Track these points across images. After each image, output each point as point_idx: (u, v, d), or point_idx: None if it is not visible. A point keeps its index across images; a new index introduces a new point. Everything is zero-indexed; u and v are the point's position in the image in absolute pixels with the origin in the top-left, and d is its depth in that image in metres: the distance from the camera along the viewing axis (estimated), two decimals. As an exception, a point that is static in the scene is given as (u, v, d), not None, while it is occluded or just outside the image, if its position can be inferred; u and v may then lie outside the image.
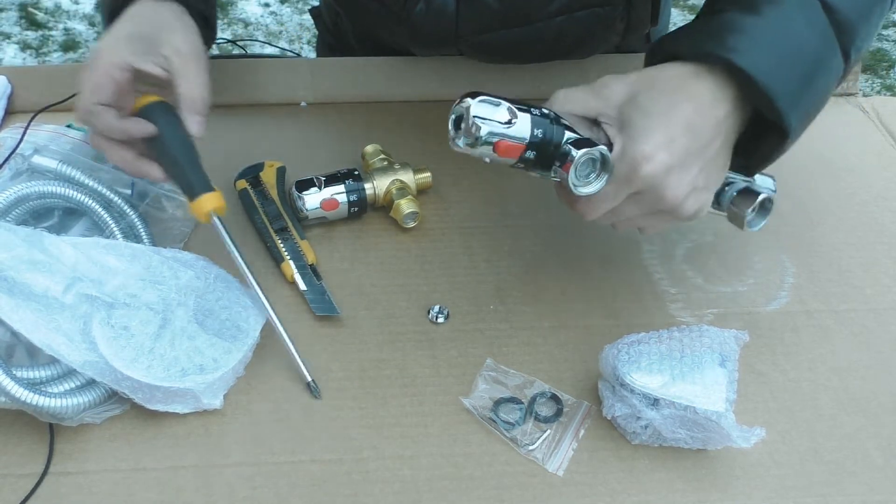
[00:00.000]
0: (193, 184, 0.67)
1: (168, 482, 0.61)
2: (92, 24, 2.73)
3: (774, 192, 0.68)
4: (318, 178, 0.78)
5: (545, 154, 0.58)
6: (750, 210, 0.65)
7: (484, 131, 0.56)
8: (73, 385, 0.62)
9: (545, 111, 0.58)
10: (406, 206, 0.78)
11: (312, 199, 0.77)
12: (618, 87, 0.60)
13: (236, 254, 0.68)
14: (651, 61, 0.64)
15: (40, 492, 0.60)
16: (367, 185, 0.79)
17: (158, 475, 0.61)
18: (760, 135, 0.63)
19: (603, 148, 0.58)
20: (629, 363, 0.62)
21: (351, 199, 0.78)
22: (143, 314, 0.64)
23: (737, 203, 0.65)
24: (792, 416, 0.66)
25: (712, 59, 0.59)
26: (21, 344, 0.64)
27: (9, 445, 0.62)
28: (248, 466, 0.62)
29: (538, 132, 0.57)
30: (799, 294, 0.76)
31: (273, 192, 0.80)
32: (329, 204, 0.77)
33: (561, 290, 0.75)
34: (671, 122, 0.58)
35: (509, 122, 0.56)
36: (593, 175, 0.59)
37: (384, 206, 0.80)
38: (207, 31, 0.75)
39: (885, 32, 2.74)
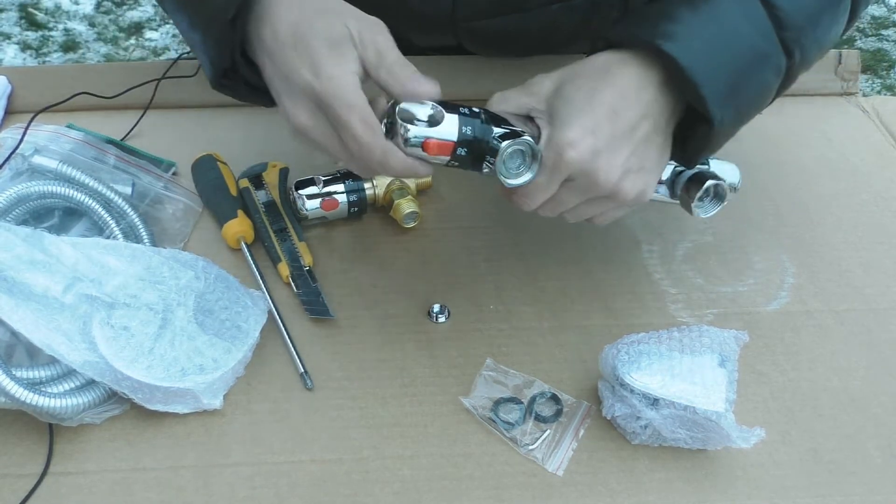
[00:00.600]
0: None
1: (168, 482, 0.61)
2: (92, 25, 2.73)
3: (737, 181, 0.70)
4: (317, 178, 0.78)
5: (477, 151, 0.59)
6: (697, 196, 0.65)
7: (411, 133, 0.57)
8: (72, 385, 0.62)
9: (475, 110, 0.60)
10: (406, 206, 0.78)
11: (312, 199, 0.77)
12: (546, 81, 0.62)
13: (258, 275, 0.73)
14: (593, 50, 0.65)
15: (40, 492, 0.60)
16: (367, 185, 0.79)
17: (158, 475, 0.61)
18: (690, 126, 0.64)
19: (528, 139, 0.59)
20: (629, 363, 0.62)
21: (351, 199, 0.78)
22: (143, 314, 0.64)
23: (686, 189, 0.67)
24: (792, 416, 0.66)
25: (640, 45, 0.60)
26: (21, 344, 0.64)
27: (8, 445, 0.62)
28: (247, 466, 0.62)
29: (467, 129, 0.59)
30: (799, 294, 0.76)
31: (274, 193, 0.80)
32: (329, 204, 0.77)
33: (561, 290, 0.75)
34: (594, 108, 0.59)
35: (435, 122, 0.58)
36: (523, 167, 0.60)
37: (384, 206, 0.80)
38: None
39: (885, 32, 2.74)
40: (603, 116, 0.59)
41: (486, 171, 0.61)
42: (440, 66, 0.94)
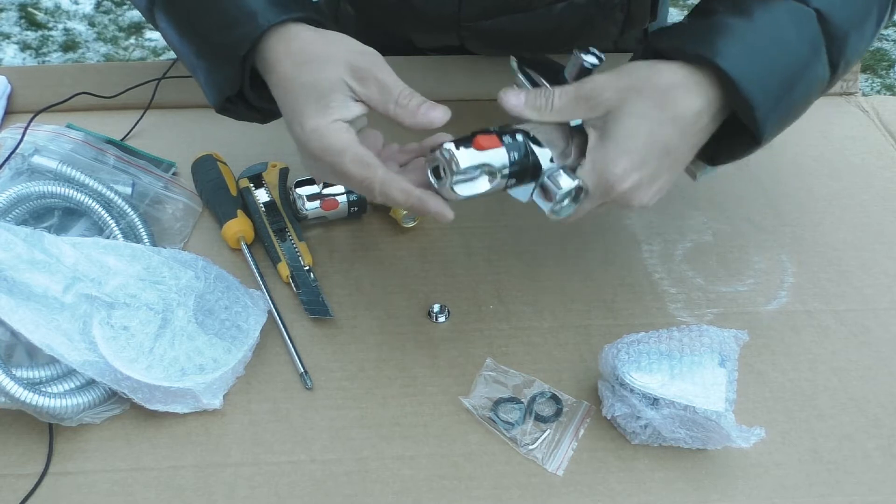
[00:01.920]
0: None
1: (168, 482, 0.61)
2: (91, 25, 2.73)
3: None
4: (317, 178, 0.78)
5: (522, 179, 0.59)
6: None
7: (461, 196, 0.58)
8: (72, 385, 0.62)
9: (518, 139, 0.59)
10: (406, 206, 0.78)
11: (312, 199, 0.77)
12: (608, 94, 0.59)
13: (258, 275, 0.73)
14: (642, 56, 0.63)
15: (40, 492, 0.60)
16: (367, 185, 0.79)
17: (158, 475, 0.61)
18: (734, 134, 0.63)
19: (578, 184, 0.58)
20: (629, 363, 0.62)
21: (351, 199, 0.78)
22: (142, 314, 0.64)
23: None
24: (792, 416, 0.66)
25: (699, 61, 0.59)
26: (21, 344, 0.64)
27: (8, 445, 0.62)
28: (247, 466, 0.62)
29: (514, 168, 0.58)
30: (799, 294, 0.76)
31: (274, 193, 0.80)
32: (329, 203, 0.77)
33: (561, 290, 0.75)
34: (651, 145, 0.58)
35: (489, 187, 0.58)
36: (567, 202, 0.60)
37: (384, 206, 0.80)
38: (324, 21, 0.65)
39: (885, 32, 2.74)
40: (655, 154, 0.59)
41: (531, 195, 0.60)
42: (441, 67, 0.94)
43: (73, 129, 0.82)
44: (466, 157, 0.57)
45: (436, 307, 0.72)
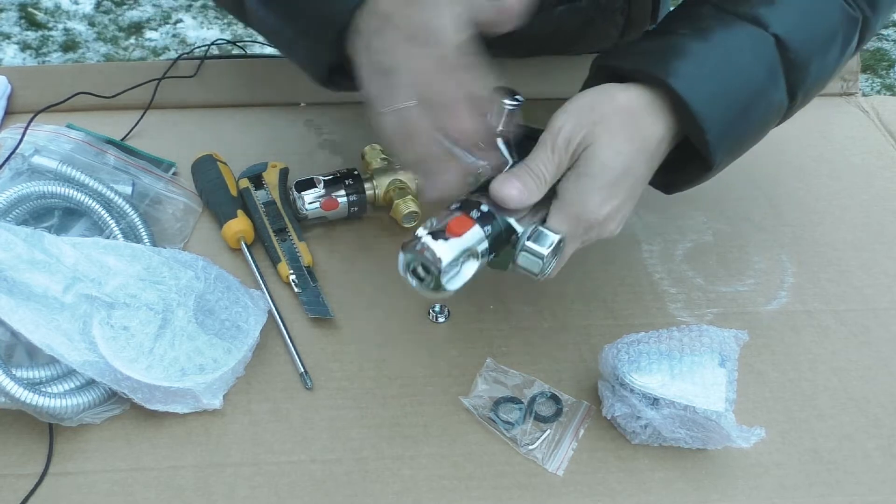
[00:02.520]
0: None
1: (168, 482, 0.61)
2: (91, 24, 2.73)
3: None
4: (317, 178, 0.78)
5: (500, 248, 0.58)
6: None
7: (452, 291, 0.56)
8: (72, 385, 0.62)
9: (484, 210, 0.56)
10: (406, 206, 0.78)
11: (312, 199, 0.77)
12: (580, 135, 0.57)
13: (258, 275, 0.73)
14: (596, 75, 0.63)
15: (40, 492, 0.60)
16: (367, 185, 0.79)
17: (158, 475, 0.61)
18: (685, 160, 0.62)
19: (560, 237, 0.57)
20: (629, 363, 0.62)
21: (351, 199, 0.78)
22: (143, 314, 0.64)
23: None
24: (792, 416, 0.66)
25: (652, 81, 0.59)
26: (21, 344, 0.64)
27: (8, 445, 0.62)
28: (247, 466, 0.62)
29: (492, 257, 0.57)
30: (799, 294, 0.76)
31: (274, 193, 0.80)
32: (329, 204, 0.77)
33: (561, 290, 0.75)
34: (622, 176, 0.58)
35: (476, 270, 0.56)
36: (553, 256, 0.58)
37: (384, 206, 0.80)
38: None
39: (884, 32, 2.74)
40: (625, 184, 0.58)
41: (515, 262, 0.59)
42: (440, 66, 0.94)
43: (73, 129, 0.82)
44: (447, 250, 0.54)
45: (436, 307, 0.72)
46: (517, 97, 0.61)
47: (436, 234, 0.54)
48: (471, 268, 0.55)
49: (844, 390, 0.68)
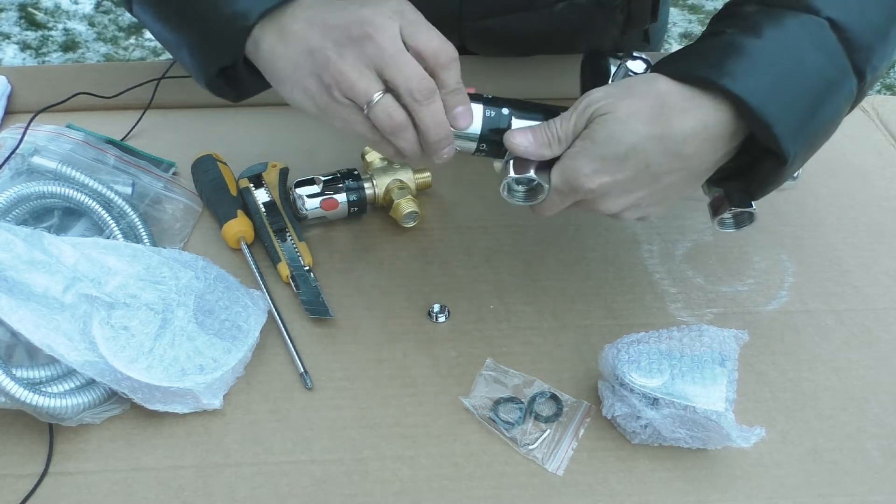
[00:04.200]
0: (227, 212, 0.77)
1: (168, 482, 0.61)
2: (91, 24, 2.73)
3: (798, 175, 0.68)
4: (317, 178, 0.78)
5: (496, 151, 0.62)
6: (722, 216, 0.64)
7: None
8: (72, 385, 0.62)
9: (503, 109, 0.61)
10: (406, 206, 0.78)
11: (312, 199, 0.77)
12: (600, 102, 0.58)
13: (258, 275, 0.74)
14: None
15: (40, 492, 0.60)
16: (367, 185, 0.79)
17: (158, 475, 0.61)
18: (758, 159, 0.60)
19: (531, 175, 0.59)
20: (629, 363, 0.62)
21: (351, 199, 0.78)
22: (142, 314, 0.64)
23: (715, 204, 0.65)
24: (792, 416, 0.66)
25: (705, 85, 0.57)
26: (21, 344, 0.64)
27: (9, 445, 0.62)
28: (248, 466, 0.62)
29: (487, 131, 0.61)
30: (799, 294, 0.76)
31: (274, 193, 0.80)
32: (329, 204, 0.77)
33: (561, 290, 0.75)
34: (628, 155, 0.57)
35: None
36: (518, 191, 0.61)
37: (384, 206, 0.80)
38: None
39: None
40: (632, 165, 0.57)
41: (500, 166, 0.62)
42: (440, 66, 0.94)
43: (73, 129, 0.82)
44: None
45: (436, 307, 0.72)
46: (646, 60, 0.64)
47: None
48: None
49: (844, 390, 0.68)
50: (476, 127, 0.60)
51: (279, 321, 0.71)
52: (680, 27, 2.85)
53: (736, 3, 0.62)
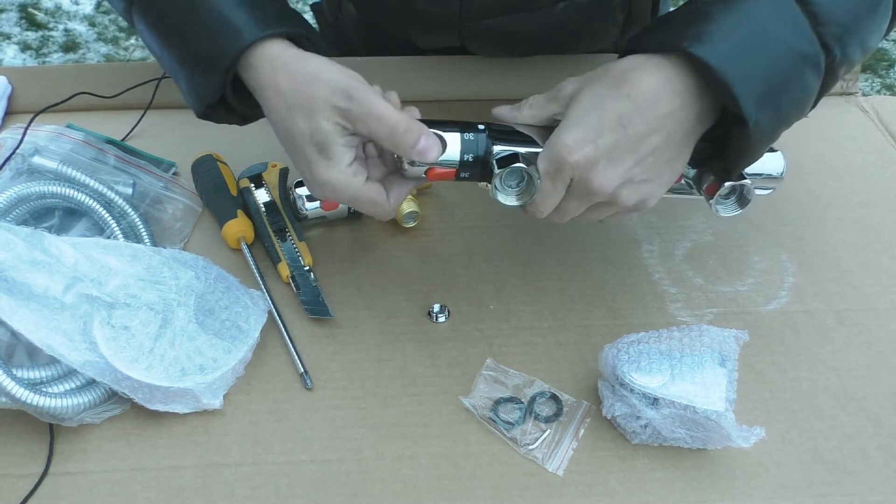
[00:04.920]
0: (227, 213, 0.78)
1: (168, 482, 0.61)
2: (92, 25, 2.73)
3: (780, 171, 0.69)
4: (318, 178, 0.78)
5: (480, 171, 0.62)
6: (719, 194, 0.65)
7: (416, 169, 0.61)
8: (73, 385, 0.62)
9: (480, 128, 0.62)
10: (406, 206, 0.78)
11: (312, 199, 0.77)
12: (570, 85, 0.62)
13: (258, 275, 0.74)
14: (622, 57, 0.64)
15: (40, 492, 0.60)
16: (367, 185, 0.79)
17: (158, 475, 0.61)
18: (728, 130, 0.61)
19: (520, 165, 0.60)
20: (629, 363, 0.62)
21: (351, 199, 0.78)
22: (143, 314, 0.64)
23: (708, 187, 0.66)
24: (792, 416, 0.66)
25: (667, 49, 0.59)
26: (21, 344, 0.64)
27: (9, 445, 0.62)
28: (248, 466, 0.62)
29: (468, 156, 0.61)
30: (799, 294, 0.76)
31: (275, 193, 0.80)
32: (329, 204, 0.77)
33: (561, 290, 0.75)
34: (601, 117, 0.58)
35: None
36: (523, 186, 0.61)
37: (384, 207, 0.80)
38: (315, 43, 0.65)
39: (885, 32, 2.73)
40: (608, 127, 0.58)
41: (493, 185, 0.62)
42: (440, 67, 0.94)
43: (73, 130, 0.82)
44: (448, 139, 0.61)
45: (436, 307, 0.72)
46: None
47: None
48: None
49: (844, 390, 0.68)
50: (454, 157, 0.61)
51: (279, 321, 0.71)
52: (680, 27, 2.85)
53: None
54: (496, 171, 0.60)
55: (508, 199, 0.62)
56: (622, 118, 0.58)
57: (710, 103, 0.60)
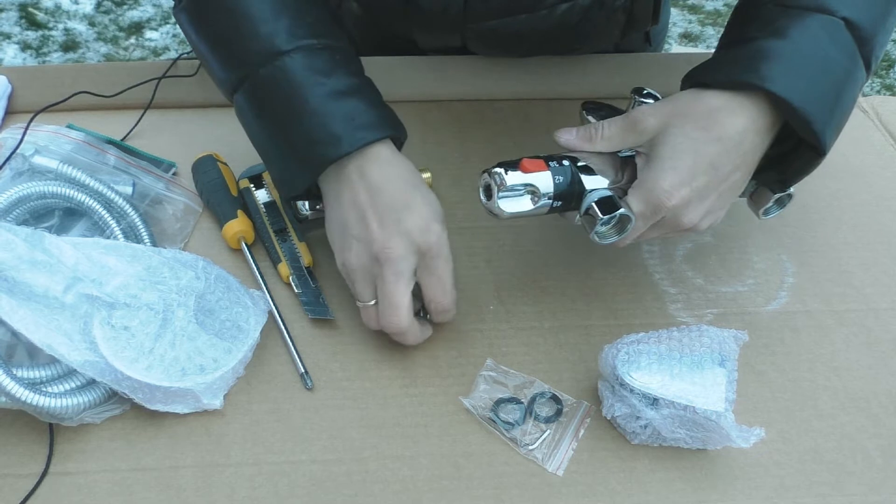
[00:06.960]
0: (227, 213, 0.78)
1: (168, 482, 0.61)
2: (92, 24, 2.73)
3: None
4: (318, 179, 0.78)
5: (568, 203, 0.64)
6: (765, 207, 0.70)
7: (506, 213, 0.63)
8: (73, 385, 0.62)
9: (565, 163, 0.63)
10: (406, 206, 0.78)
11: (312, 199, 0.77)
12: (651, 118, 0.63)
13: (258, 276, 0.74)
14: (689, 86, 0.66)
15: (40, 492, 0.60)
16: (367, 185, 0.79)
17: (158, 475, 0.61)
18: (793, 150, 0.65)
19: (624, 212, 0.62)
20: (629, 363, 0.62)
21: (351, 199, 0.78)
22: (143, 314, 0.64)
23: (754, 196, 0.71)
24: (791, 416, 0.66)
25: (747, 88, 0.61)
26: (21, 344, 0.64)
27: (9, 445, 0.62)
28: (248, 466, 0.62)
29: (557, 204, 0.63)
30: (799, 294, 0.76)
31: (275, 193, 0.80)
32: (329, 204, 0.77)
33: (561, 290, 0.75)
34: (696, 162, 0.61)
35: (532, 207, 0.63)
36: (610, 227, 0.63)
37: (384, 206, 0.80)
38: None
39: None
40: (702, 170, 0.61)
41: (577, 221, 0.65)
42: (441, 67, 0.94)
43: (73, 130, 0.82)
44: (513, 176, 0.62)
45: (436, 307, 0.72)
46: (655, 96, 0.68)
47: (507, 165, 0.62)
48: (527, 202, 0.62)
49: (844, 390, 0.68)
50: (547, 181, 0.62)
51: (279, 321, 0.71)
52: (680, 27, 2.85)
53: (752, 3, 0.66)
54: (599, 217, 0.62)
55: (605, 240, 0.64)
56: (714, 162, 0.61)
57: (778, 129, 0.64)
